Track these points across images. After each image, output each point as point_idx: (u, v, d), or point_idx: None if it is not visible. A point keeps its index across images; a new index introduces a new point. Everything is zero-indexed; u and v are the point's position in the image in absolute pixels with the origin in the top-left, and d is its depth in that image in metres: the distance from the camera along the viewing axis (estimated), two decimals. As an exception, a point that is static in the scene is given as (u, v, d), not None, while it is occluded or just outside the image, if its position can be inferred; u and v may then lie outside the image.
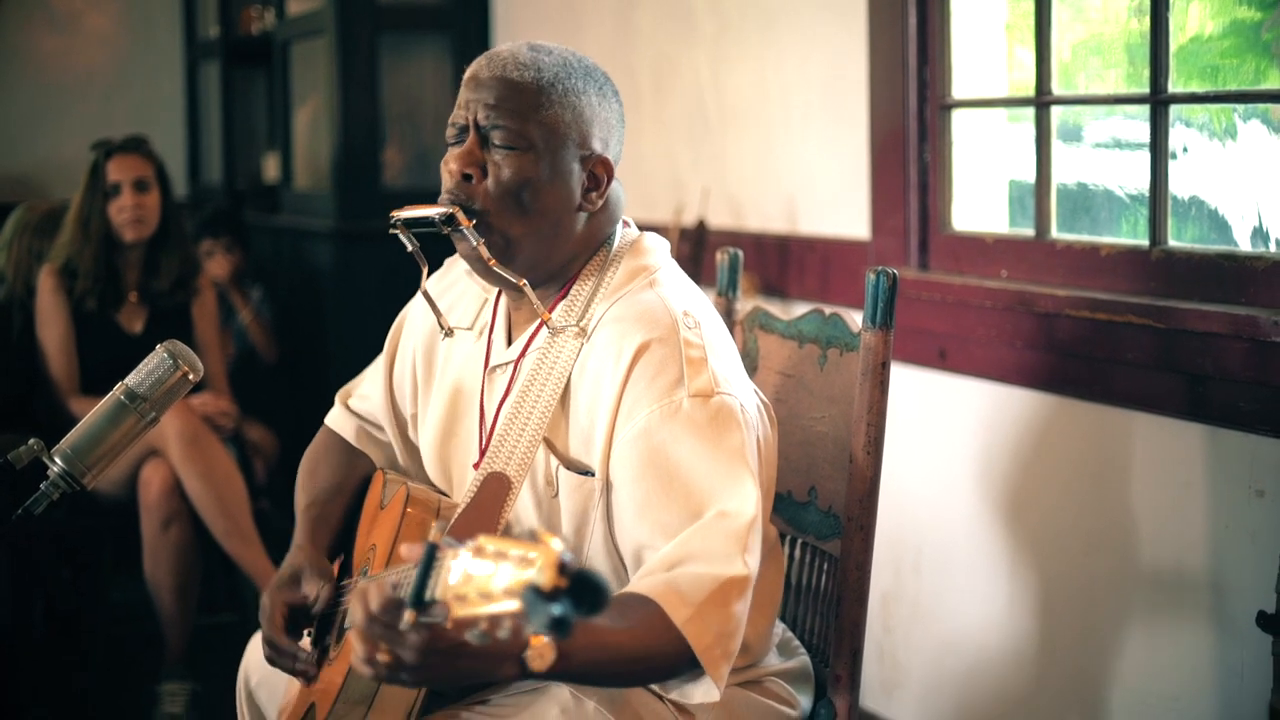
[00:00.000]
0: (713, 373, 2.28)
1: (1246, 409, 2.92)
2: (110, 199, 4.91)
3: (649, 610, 2.14)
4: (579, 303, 2.38)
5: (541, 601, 1.54)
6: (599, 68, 2.43)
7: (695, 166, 4.70)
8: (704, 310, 2.39)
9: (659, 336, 2.28)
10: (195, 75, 7.73)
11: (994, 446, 3.58)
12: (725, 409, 2.27)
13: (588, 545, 2.34)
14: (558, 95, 2.32)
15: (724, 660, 2.19)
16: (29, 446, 2.28)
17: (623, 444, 2.26)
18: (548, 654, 1.91)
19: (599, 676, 2.21)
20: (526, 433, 2.33)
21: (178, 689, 4.59)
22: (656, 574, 2.19)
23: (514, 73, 2.33)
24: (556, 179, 2.33)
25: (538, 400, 2.34)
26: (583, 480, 2.32)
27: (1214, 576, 3.05)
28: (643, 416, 2.24)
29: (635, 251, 2.43)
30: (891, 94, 3.82)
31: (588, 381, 2.32)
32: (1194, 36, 3.23)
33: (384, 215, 2.42)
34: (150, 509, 4.59)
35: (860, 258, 3.94)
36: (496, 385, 2.45)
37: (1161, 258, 3.18)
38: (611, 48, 5.09)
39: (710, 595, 2.16)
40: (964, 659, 3.72)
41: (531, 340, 2.41)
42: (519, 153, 2.31)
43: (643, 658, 2.15)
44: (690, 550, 2.19)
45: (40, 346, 4.94)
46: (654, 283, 2.38)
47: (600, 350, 2.32)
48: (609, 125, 2.40)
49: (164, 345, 2.37)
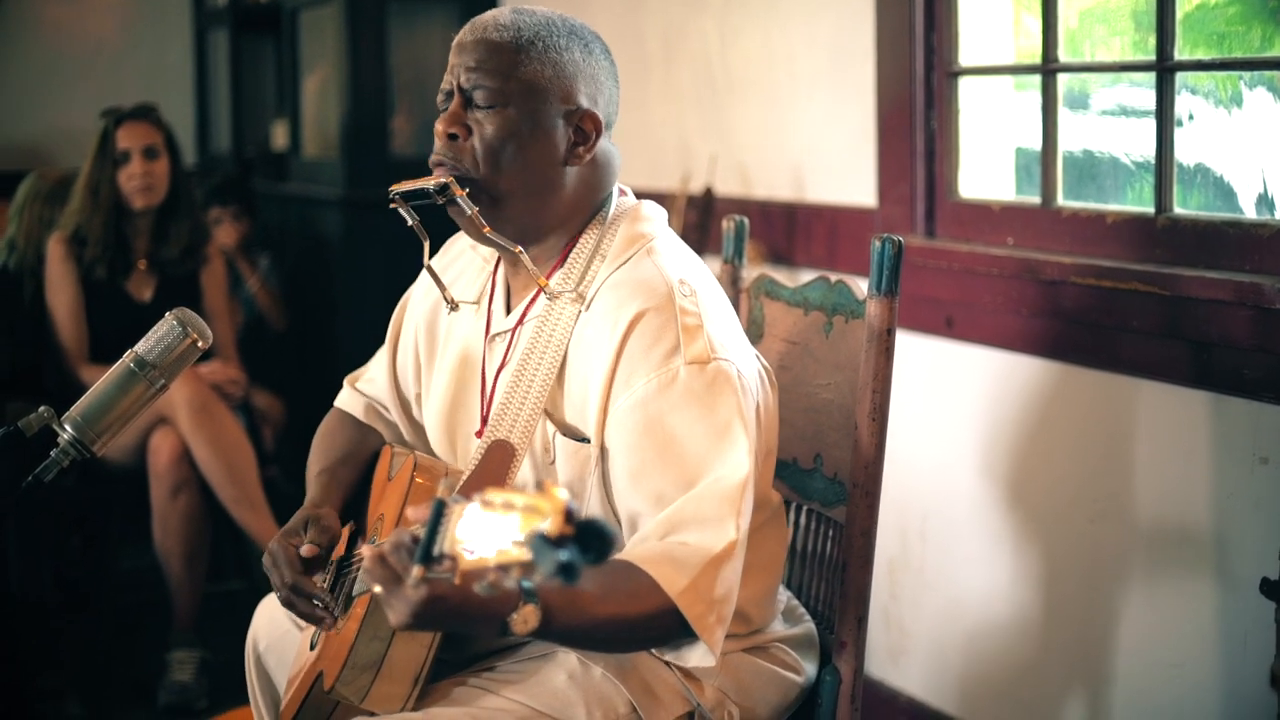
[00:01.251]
0: (709, 339, 2.29)
1: (1251, 376, 2.93)
2: (119, 167, 4.92)
3: (641, 579, 2.16)
4: (576, 268, 2.40)
5: (549, 548, 1.56)
6: (589, 28, 2.44)
7: (703, 134, 4.70)
8: (700, 277, 2.40)
9: (655, 305, 2.29)
10: (204, 43, 7.72)
11: (1000, 414, 3.59)
12: (721, 375, 2.28)
13: (584, 509, 2.35)
14: (537, 52, 2.35)
15: (719, 625, 2.21)
16: (39, 414, 2.29)
17: (619, 412, 2.28)
18: (531, 620, 1.96)
19: (585, 641, 2.25)
20: (529, 401, 2.35)
21: (187, 656, 4.61)
22: (649, 541, 2.21)
23: (493, 34, 2.36)
24: (539, 134, 2.35)
25: (538, 368, 2.36)
26: (579, 447, 2.33)
27: (1218, 543, 3.06)
28: (640, 385, 2.26)
29: (632, 218, 2.44)
30: (898, 61, 3.82)
31: (585, 349, 2.34)
32: (1200, 4, 3.23)
33: (393, 183, 2.44)
34: (159, 477, 4.60)
35: (867, 225, 3.94)
36: (496, 353, 2.47)
37: (1167, 225, 3.18)
38: (620, 16, 5.09)
39: (703, 564, 2.18)
40: (969, 626, 3.73)
41: (529, 308, 2.43)
42: (499, 109, 2.34)
43: (632, 626, 2.19)
44: (683, 518, 2.21)
45: (50, 314, 4.95)
46: (650, 250, 2.39)
47: (598, 318, 2.33)
48: (596, 81, 2.41)
49: (173, 313, 2.38)
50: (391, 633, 2.30)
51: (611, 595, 2.14)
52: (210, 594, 4.85)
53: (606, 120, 2.43)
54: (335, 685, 2.32)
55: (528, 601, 1.96)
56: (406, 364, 2.70)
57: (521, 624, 1.96)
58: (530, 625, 1.97)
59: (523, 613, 1.96)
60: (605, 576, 2.13)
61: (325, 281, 6.14)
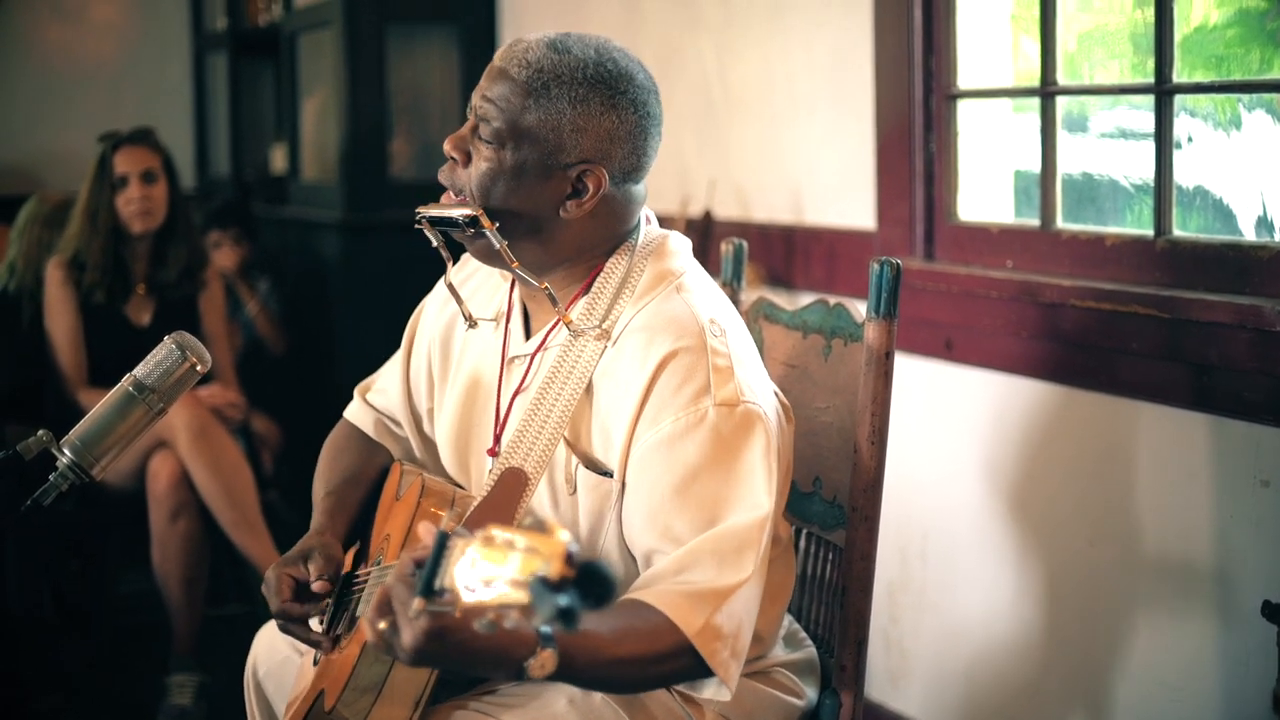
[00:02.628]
0: (739, 382, 2.28)
1: (1251, 399, 2.92)
2: (118, 191, 4.92)
3: (656, 619, 2.15)
4: (601, 302, 2.37)
5: (548, 592, 1.54)
6: (629, 75, 2.37)
7: (701, 157, 4.70)
8: (729, 316, 2.39)
9: (686, 345, 2.27)
10: (202, 66, 7.74)
11: (999, 437, 3.58)
12: (750, 418, 2.27)
13: (602, 544, 2.34)
14: (548, 100, 2.30)
15: (734, 661, 2.20)
16: (38, 438, 2.28)
17: (644, 448, 2.26)
18: (549, 664, 1.93)
19: (602, 683, 2.23)
20: (546, 430, 2.33)
21: (186, 680, 4.59)
22: (665, 579, 2.20)
23: (514, 69, 2.32)
24: (530, 181, 2.32)
25: (558, 398, 2.34)
26: (601, 481, 2.32)
27: (1219, 566, 3.05)
28: (667, 424, 2.24)
29: (660, 254, 2.42)
30: (897, 84, 3.82)
31: (611, 384, 2.32)
32: (1199, 26, 3.23)
33: (391, 207, 2.45)
34: (158, 500, 4.60)
35: (866, 248, 3.94)
36: (514, 376, 2.46)
37: (1166, 248, 3.18)
38: (617, 37, 5.00)
39: (719, 602, 2.17)
40: (970, 649, 3.72)
41: (550, 333, 2.42)
42: (493, 148, 2.32)
43: (648, 666, 2.17)
44: (699, 556, 2.19)
45: (49, 338, 4.94)
46: (680, 288, 2.37)
47: (626, 353, 2.32)
48: (612, 137, 2.33)
49: (172, 337, 2.37)
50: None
51: (628, 636, 2.12)
52: (209, 618, 4.84)
53: (626, 172, 2.37)
54: (336, 706, 2.32)
55: (545, 646, 1.93)
56: (420, 376, 2.69)
57: (539, 669, 1.93)
58: (548, 670, 1.94)
59: (540, 657, 1.93)
60: (621, 617, 2.13)
61: (324, 304, 6.15)
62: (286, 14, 6.72)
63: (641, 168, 2.40)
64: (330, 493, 2.66)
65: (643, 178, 2.41)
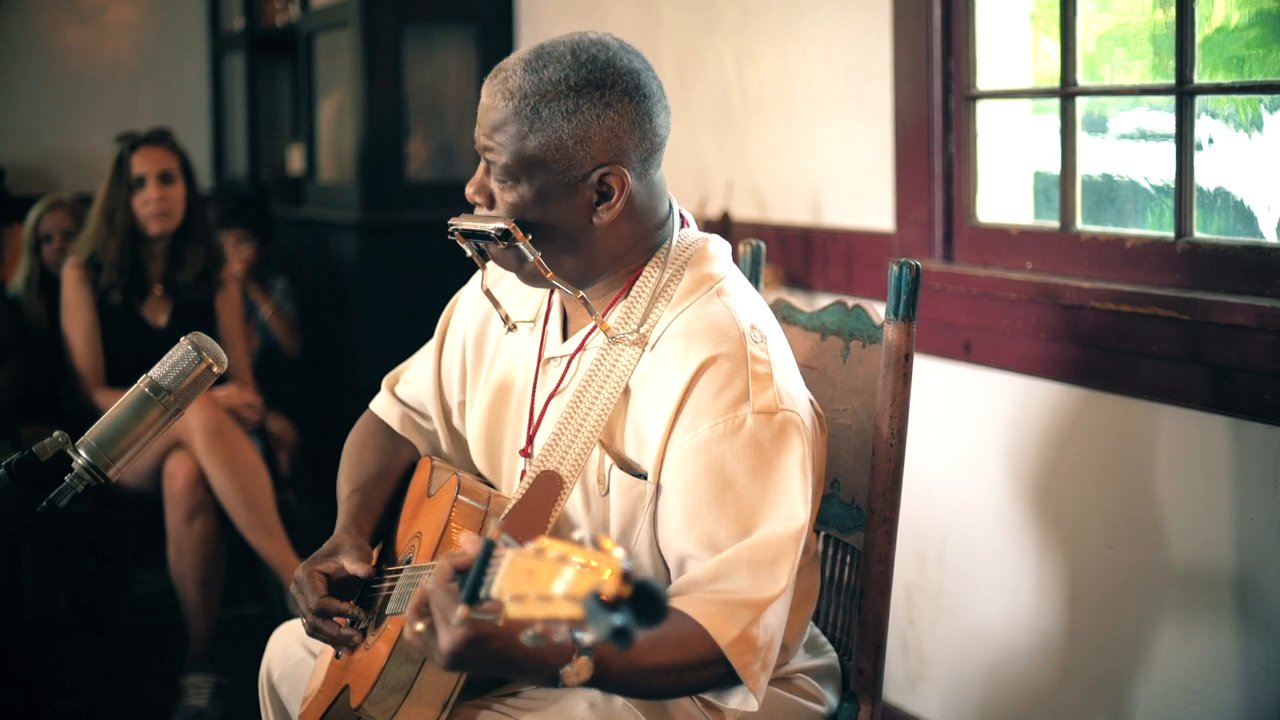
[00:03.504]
0: (778, 389, 2.27)
1: (1271, 401, 2.91)
2: (135, 192, 4.93)
3: (690, 628, 2.14)
4: (638, 307, 2.36)
5: (603, 610, 1.53)
6: (613, 63, 2.34)
7: (719, 158, 4.69)
8: (768, 322, 2.38)
9: (726, 351, 2.26)
10: (220, 67, 7.75)
11: (1019, 439, 3.57)
12: (789, 425, 2.26)
13: (633, 546, 2.34)
14: (542, 122, 2.28)
15: (763, 673, 2.20)
16: (53, 439, 2.28)
17: (680, 452, 2.25)
18: (585, 672, 1.92)
19: (634, 690, 2.24)
20: (582, 433, 2.33)
21: (202, 681, 4.60)
22: (700, 586, 2.19)
23: (501, 101, 2.30)
24: (556, 202, 2.31)
25: (594, 402, 2.33)
26: (635, 482, 2.31)
27: (1239, 569, 3.04)
28: (705, 429, 2.23)
29: (699, 259, 2.41)
30: (916, 85, 3.81)
31: (648, 386, 2.31)
32: (1219, 27, 3.22)
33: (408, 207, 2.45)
34: (175, 501, 4.60)
35: (884, 249, 3.93)
36: (549, 377, 2.45)
37: (1187, 249, 3.17)
38: (635, 38, 5.05)
39: (753, 614, 2.17)
40: (988, 652, 3.71)
41: (588, 337, 2.42)
42: (509, 185, 2.31)
43: (681, 675, 2.17)
44: (734, 565, 2.19)
45: (65, 339, 4.95)
46: (720, 292, 2.36)
47: (665, 357, 2.30)
48: (618, 134, 2.31)
49: (188, 338, 2.37)
50: (424, 658, 2.29)
51: (661, 644, 2.12)
52: (225, 619, 4.85)
53: (643, 159, 2.35)
54: (363, 704, 2.32)
55: (582, 654, 1.91)
56: (452, 369, 2.68)
57: (574, 676, 1.92)
58: (583, 677, 1.93)
59: (576, 665, 1.91)
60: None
61: (341, 305, 6.15)
62: (303, 14, 6.73)
63: (657, 149, 2.38)
64: (356, 490, 2.65)
65: (660, 158, 2.40)
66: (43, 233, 5.30)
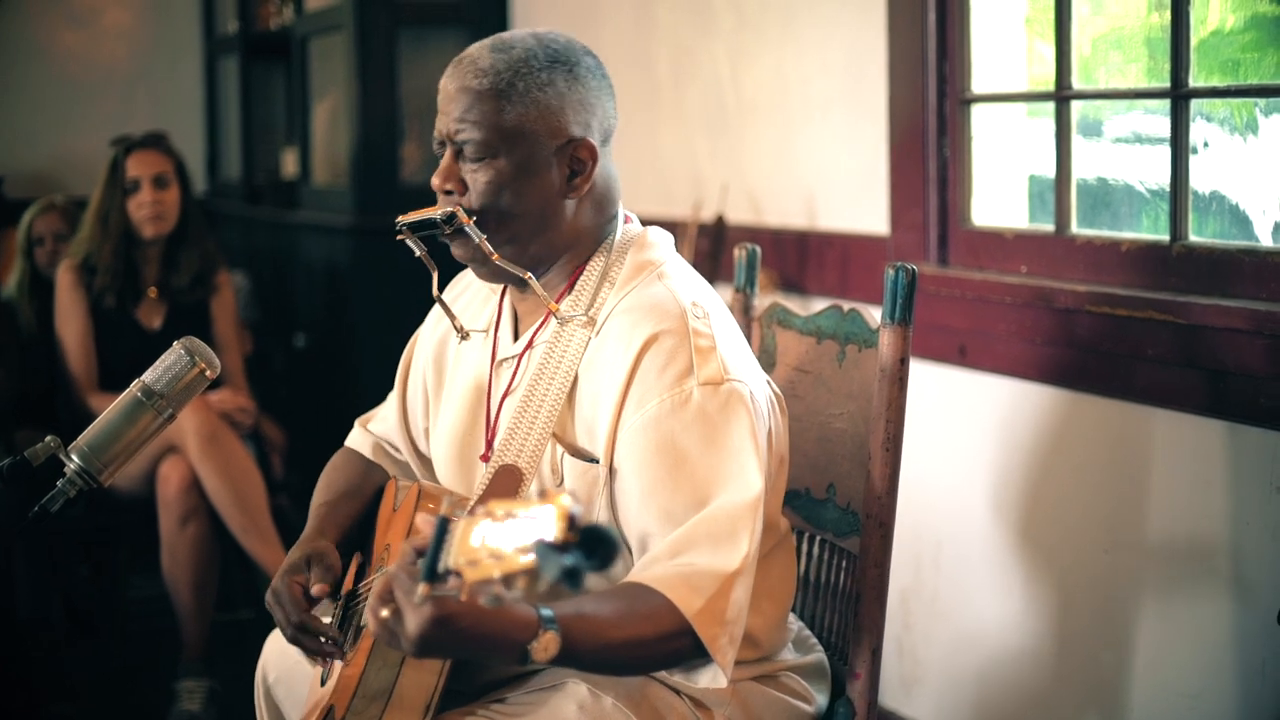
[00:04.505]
0: (722, 360, 2.30)
1: (1267, 405, 2.91)
2: (129, 195, 4.92)
3: (656, 601, 2.17)
4: (585, 293, 2.40)
5: (553, 554, 1.56)
6: (572, 45, 2.41)
7: (714, 161, 4.69)
8: (711, 301, 2.41)
9: (668, 328, 2.30)
10: (214, 70, 7.74)
11: (1014, 443, 3.57)
12: (735, 396, 2.29)
13: None
14: (519, 94, 2.33)
15: (730, 647, 2.22)
16: (46, 444, 2.28)
17: (630, 432, 2.28)
18: (552, 647, 1.98)
19: (603, 665, 2.24)
20: (537, 425, 2.35)
21: (195, 686, 4.59)
22: (661, 562, 2.22)
23: (472, 81, 2.35)
24: (533, 176, 2.35)
25: (546, 393, 2.36)
26: (587, 467, 2.34)
27: (1234, 573, 3.04)
28: (653, 405, 2.26)
29: (641, 245, 2.45)
30: (911, 88, 3.80)
31: (596, 370, 2.34)
32: (1215, 30, 3.22)
33: (402, 210, 2.46)
34: (168, 505, 4.59)
35: (879, 253, 3.93)
36: (502, 378, 2.48)
37: (1182, 253, 3.16)
38: (630, 41, 5.08)
39: (717, 585, 2.19)
40: (982, 655, 3.71)
41: (537, 333, 2.44)
42: (489, 161, 2.35)
43: (649, 648, 2.19)
44: (694, 537, 2.22)
45: (59, 342, 4.95)
46: (662, 275, 2.41)
47: (610, 340, 2.34)
48: (586, 106, 2.39)
49: (181, 342, 2.37)
50: (401, 661, 2.29)
51: (628, 618, 2.14)
52: (219, 623, 4.84)
53: (603, 137, 2.42)
54: (345, 716, 2.31)
55: (547, 629, 1.98)
56: (416, 401, 2.71)
57: (542, 651, 1.98)
58: (551, 652, 1.98)
59: (543, 640, 1.97)
60: (621, 599, 2.16)
61: (335, 309, 6.14)
62: (298, 18, 6.73)
63: (612, 130, 2.45)
64: (324, 503, 2.68)
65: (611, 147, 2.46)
66: (35, 236, 5.29)
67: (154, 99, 7.54)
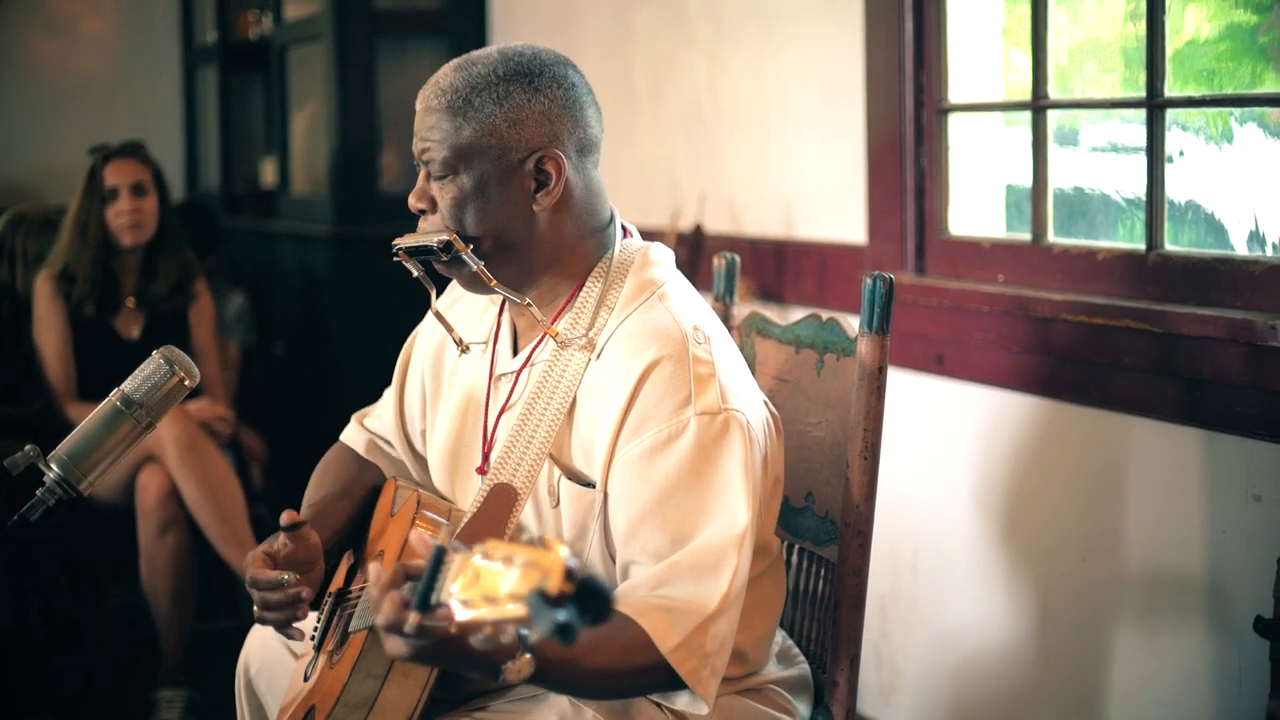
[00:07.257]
0: (721, 388, 2.29)
1: (1243, 413, 2.92)
2: (108, 204, 4.91)
3: (633, 633, 2.16)
4: (585, 315, 2.39)
5: (547, 607, 1.55)
6: (539, 58, 2.39)
7: (692, 170, 4.70)
8: (712, 324, 2.40)
9: (669, 354, 2.28)
10: (193, 80, 7.73)
11: (991, 451, 3.58)
12: (731, 425, 2.27)
13: (586, 554, 2.35)
14: (474, 111, 2.33)
15: (712, 678, 2.22)
16: (25, 453, 2.28)
17: (625, 459, 2.27)
18: (525, 670, 1.98)
19: (576, 690, 2.26)
20: (534, 445, 2.34)
21: (174, 695, 4.58)
22: (642, 590, 2.21)
23: (434, 100, 2.36)
24: (495, 191, 2.35)
25: (544, 413, 2.35)
26: (583, 492, 2.33)
27: (1211, 581, 3.05)
28: (649, 436, 2.26)
29: (642, 264, 2.43)
30: (888, 98, 3.82)
31: (595, 394, 2.33)
32: (1190, 40, 3.23)
33: (381, 220, 2.47)
34: (147, 515, 4.58)
35: (857, 262, 3.94)
36: (500, 393, 2.47)
37: (1158, 262, 3.17)
38: (608, 51, 5.09)
39: (696, 620, 2.18)
40: (961, 663, 3.71)
41: (535, 349, 2.43)
42: (451, 179, 2.35)
43: (621, 679, 2.20)
44: (678, 570, 2.21)
45: (37, 352, 4.94)
46: (663, 296, 2.39)
47: (610, 364, 2.33)
48: (549, 117, 2.36)
49: (160, 351, 2.37)
50: (386, 672, 2.29)
51: (604, 647, 2.14)
52: (198, 633, 4.83)
53: (579, 149, 2.40)
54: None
55: (525, 652, 1.97)
56: (413, 401, 2.70)
57: (515, 673, 1.98)
58: (524, 674, 1.98)
59: (518, 662, 1.97)
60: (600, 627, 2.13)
61: (314, 318, 6.13)
62: (277, 27, 6.72)
63: (592, 141, 2.42)
64: (316, 502, 2.68)
65: (597, 154, 2.44)
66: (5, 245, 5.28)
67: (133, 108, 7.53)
